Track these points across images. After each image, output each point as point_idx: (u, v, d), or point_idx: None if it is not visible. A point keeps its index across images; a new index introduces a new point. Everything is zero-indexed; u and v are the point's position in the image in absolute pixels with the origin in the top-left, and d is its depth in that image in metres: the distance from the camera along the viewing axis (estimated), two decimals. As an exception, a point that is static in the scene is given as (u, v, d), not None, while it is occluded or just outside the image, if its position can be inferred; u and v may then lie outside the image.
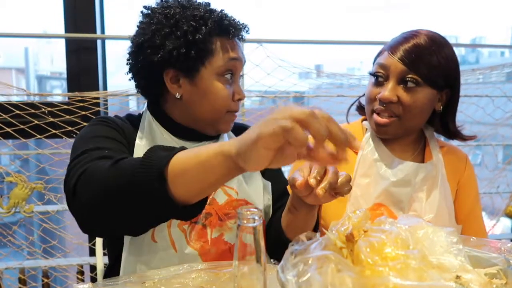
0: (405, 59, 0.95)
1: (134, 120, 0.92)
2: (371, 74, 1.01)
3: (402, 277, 0.45)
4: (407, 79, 0.95)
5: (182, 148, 0.62)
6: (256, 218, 0.52)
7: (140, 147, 0.85)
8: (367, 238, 0.50)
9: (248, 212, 0.53)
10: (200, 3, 0.89)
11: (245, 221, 0.52)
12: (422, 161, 1.06)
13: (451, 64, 0.97)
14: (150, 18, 0.85)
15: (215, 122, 0.91)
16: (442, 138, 1.17)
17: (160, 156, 0.60)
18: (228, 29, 0.86)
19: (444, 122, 1.05)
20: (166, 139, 0.89)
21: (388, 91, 0.95)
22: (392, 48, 0.97)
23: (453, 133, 1.07)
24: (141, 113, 0.94)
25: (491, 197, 1.93)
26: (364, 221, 0.56)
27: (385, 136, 1.03)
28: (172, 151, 0.61)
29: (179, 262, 0.80)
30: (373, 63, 1.04)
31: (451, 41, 1.04)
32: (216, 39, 0.86)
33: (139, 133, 0.88)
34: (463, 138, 1.08)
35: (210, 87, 0.86)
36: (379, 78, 0.98)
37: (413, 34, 0.98)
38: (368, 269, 0.48)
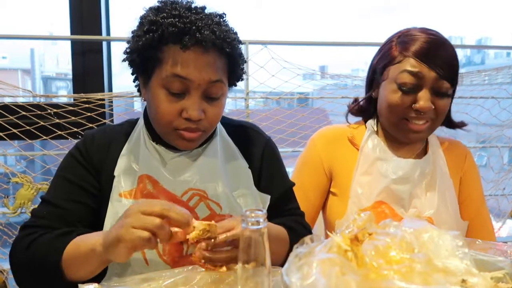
0: (441, 68, 0.94)
1: (130, 127, 0.90)
2: (399, 85, 0.96)
3: (407, 280, 0.45)
4: (441, 86, 0.96)
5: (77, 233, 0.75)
6: (261, 220, 0.52)
7: (122, 161, 0.85)
8: (372, 241, 0.50)
9: (253, 215, 0.53)
10: (181, 8, 0.77)
11: (249, 224, 0.52)
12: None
13: (458, 62, 1.00)
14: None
15: (166, 137, 0.85)
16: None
17: (55, 250, 0.73)
18: (181, 39, 0.75)
19: (448, 114, 1.08)
20: (149, 147, 0.86)
21: (426, 101, 0.95)
22: (421, 55, 0.95)
23: (452, 123, 1.10)
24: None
25: (497, 199, 1.92)
26: (369, 224, 0.56)
27: (416, 142, 1.05)
28: (64, 242, 0.73)
29: None
30: (382, 68, 1.01)
31: (457, 42, 1.07)
32: (167, 47, 0.77)
33: (128, 141, 0.88)
34: (457, 126, 1.11)
35: (154, 98, 0.80)
36: (410, 86, 0.96)
37: (437, 38, 0.97)
38: (373, 272, 0.48)
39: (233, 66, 0.83)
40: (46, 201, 0.83)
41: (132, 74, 0.87)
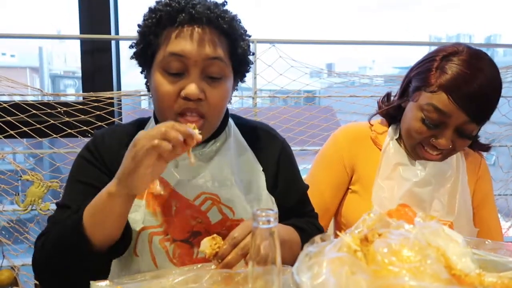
0: (473, 111, 0.88)
1: (140, 126, 0.90)
2: (423, 117, 0.92)
3: (418, 279, 0.45)
4: (467, 129, 0.92)
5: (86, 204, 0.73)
6: (272, 220, 0.53)
7: None
8: (384, 239, 0.50)
9: (264, 214, 0.53)
10: None
11: (260, 223, 0.53)
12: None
13: (499, 96, 0.94)
14: None
15: None
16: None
17: (72, 222, 0.71)
18: (175, 18, 0.75)
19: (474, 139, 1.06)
20: None
21: (446, 140, 0.92)
22: (454, 93, 0.87)
23: (477, 147, 1.10)
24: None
25: (506, 199, 1.90)
26: (378, 224, 0.56)
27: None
28: (77, 212, 0.72)
29: None
30: (416, 88, 0.96)
31: (465, 40, 1.04)
32: (164, 31, 0.77)
33: None
34: (483, 148, 1.11)
35: (154, 82, 0.79)
36: (434, 121, 0.92)
37: (478, 72, 0.88)
38: (383, 269, 0.48)
39: (234, 48, 0.80)
40: (62, 206, 0.82)
41: (141, 72, 0.86)
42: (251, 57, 0.86)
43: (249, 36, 0.85)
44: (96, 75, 1.65)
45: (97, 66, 1.65)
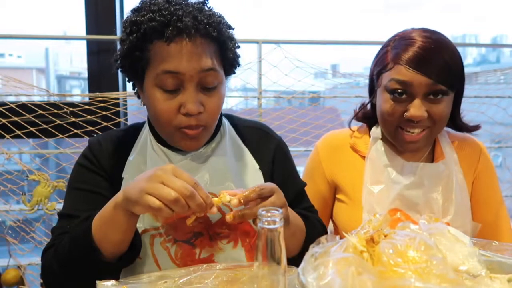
0: (434, 73, 0.89)
1: (136, 131, 0.89)
2: (389, 93, 0.94)
3: (424, 280, 0.45)
4: (435, 91, 0.91)
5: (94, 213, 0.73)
6: (277, 220, 0.53)
7: (130, 163, 0.84)
8: (390, 240, 0.50)
9: (269, 214, 0.53)
10: (160, 2, 0.75)
11: (266, 223, 0.53)
12: (432, 160, 1.05)
13: (461, 63, 0.95)
14: None
15: (169, 139, 0.82)
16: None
17: (83, 232, 0.72)
18: (162, 32, 0.73)
19: (452, 117, 1.02)
20: (156, 150, 0.85)
21: (418, 109, 0.91)
22: (412, 62, 0.90)
23: (460, 126, 1.05)
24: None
25: (513, 201, 1.89)
26: (384, 225, 0.56)
27: (413, 151, 1.02)
28: (88, 219, 0.73)
29: None
30: (377, 74, 0.98)
31: (471, 40, 1.03)
32: (152, 45, 0.75)
33: (135, 145, 0.87)
34: (468, 129, 1.05)
35: (150, 99, 0.77)
36: (400, 94, 0.93)
37: (432, 42, 0.92)
38: (389, 269, 0.48)
39: (224, 51, 0.79)
40: (65, 215, 0.82)
41: (128, 81, 0.86)
42: (242, 56, 0.86)
43: (233, 29, 0.83)
44: (102, 75, 1.66)
45: (103, 66, 1.66)
